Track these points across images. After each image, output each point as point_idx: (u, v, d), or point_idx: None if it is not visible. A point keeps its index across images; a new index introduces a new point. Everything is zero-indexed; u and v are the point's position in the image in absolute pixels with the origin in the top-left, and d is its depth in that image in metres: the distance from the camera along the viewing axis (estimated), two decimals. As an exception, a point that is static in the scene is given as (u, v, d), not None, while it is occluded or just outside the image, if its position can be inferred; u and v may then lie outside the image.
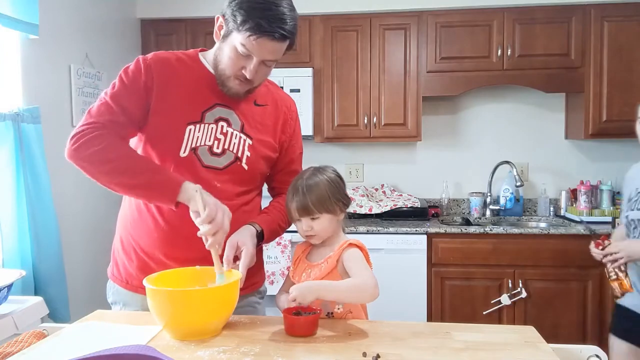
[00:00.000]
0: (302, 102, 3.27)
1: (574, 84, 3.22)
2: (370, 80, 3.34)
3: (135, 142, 1.44)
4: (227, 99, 1.45)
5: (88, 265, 2.80)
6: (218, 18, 1.38)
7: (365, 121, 3.35)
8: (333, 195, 1.42)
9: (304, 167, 1.53)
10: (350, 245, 1.41)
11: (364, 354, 1.11)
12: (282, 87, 3.18)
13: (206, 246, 1.27)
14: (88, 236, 2.82)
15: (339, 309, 1.39)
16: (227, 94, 1.43)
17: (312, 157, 3.72)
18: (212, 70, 1.44)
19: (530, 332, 1.26)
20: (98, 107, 1.37)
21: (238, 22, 1.29)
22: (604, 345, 1.31)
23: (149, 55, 1.43)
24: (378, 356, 1.10)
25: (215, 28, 1.40)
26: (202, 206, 1.25)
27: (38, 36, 2.42)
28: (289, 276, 1.52)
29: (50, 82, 2.61)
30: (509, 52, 3.21)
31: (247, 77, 1.36)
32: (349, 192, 3.44)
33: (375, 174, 3.72)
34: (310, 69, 3.31)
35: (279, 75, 3.25)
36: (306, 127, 3.28)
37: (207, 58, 1.48)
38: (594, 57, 3.18)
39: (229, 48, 1.35)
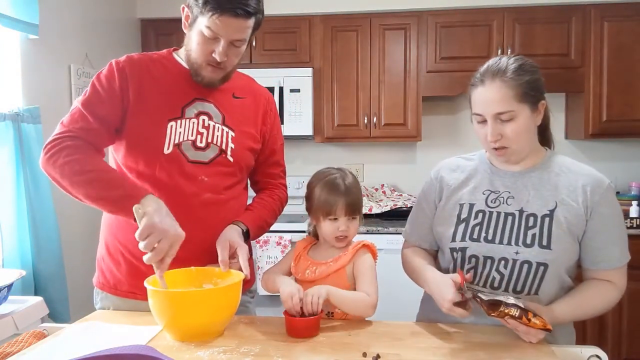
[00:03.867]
0: (302, 102, 3.27)
1: (574, 84, 3.22)
2: (370, 80, 3.34)
3: (118, 147, 1.42)
4: (205, 93, 1.45)
5: (88, 266, 2.79)
6: (184, 8, 1.39)
7: (365, 121, 3.35)
8: (361, 197, 1.45)
9: (303, 166, 1.52)
10: (365, 246, 1.41)
11: (364, 354, 1.11)
12: (282, 87, 3.23)
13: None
14: (88, 236, 2.82)
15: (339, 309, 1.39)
16: (201, 84, 1.43)
17: (312, 157, 3.73)
18: (186, 66, 1.45)
19: (530, 332, 1.26)
20: (71, 115, 1.36)
21: (200, 5, 1.31)
22: (604, 345, 1.32)
23: (122, 58, 1.43)
24: (378, 356, 1.10)
25: (182, 19, 1.40)
26: (140, 225, 1.21)
27: (38, 36, 2.42)
28: (285, 260, 1.51)
29: (50, 82, 2.61)
30: (509, 52, 3.20)
31: (218, 60, 1.35)
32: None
33: (375, 174, 3.72)
34: (310, 69, 3.30)
35: (278, 75, 3.25)
36: (306, 127, 3.28)
37: (180, 55, 1.49)
38: (594, 57, 3.18)
39: (196, 34, 1.35)
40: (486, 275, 1.32)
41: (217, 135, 1.44)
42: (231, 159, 1.46)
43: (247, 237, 1.46)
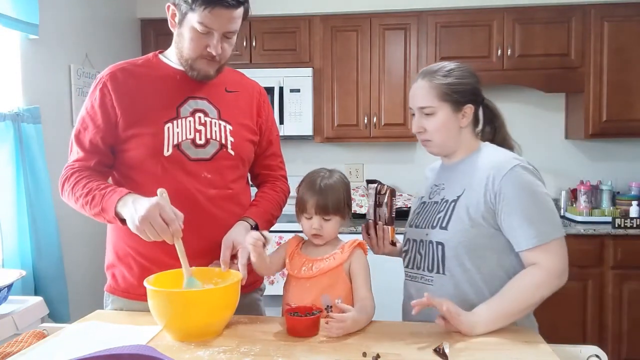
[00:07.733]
0: (302, 102, 3.27)
1: (574, 84, 3.22)
2: (370, 80, 3.34)
3: (119, 157, 1.43)
4: (197, 90, 1.45)
5: (88, 266, 2.80)
6: (169, 7, 1.39)
7: (365, 121, 3.35)
8: (346, 200, 1.45)
9: (303, 167, 1.53)
10: (360, 245, 1.44)
11: (364, 354, 1.11)
12: (282, 87, 3.23)
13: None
14: (88, 236, 2.82)
15: (338, 302, 1.38)
16: (196, 78, 1.43)
17: (312, 157, 3.73)
18: (175, 66, 1.45)
19: (530, 332, 1.26)
20: (70, 147, 1.44)
21: (190, 1, 1.31)
22: (604, 345, 1.31)
23: (105, 73, 1.43)
24: (378, 356, 1.10)
25: (169, 18, 1.41)
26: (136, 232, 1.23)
27: (38, 36, 2.42)
28: (278, 253, 1.51)
29: (50, 82, 2.61)
30: (508, 52, 3.21)
31: (213, 53, 1.37)
32: (349, 192, 3.46)
33: (375, 174, 3.72)
34: (310, 69, 3.30)
35: (278, 75, 3.25)
36: (306, 127, 3.28)
37: (167, 56, 1.49)
38: (593, 57, 3.18)
39: (188, 30, 1.36)
40: (414, 257, 1.46)
41: (216, 131, 1.44)
42: (232, 153, 1.46)
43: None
